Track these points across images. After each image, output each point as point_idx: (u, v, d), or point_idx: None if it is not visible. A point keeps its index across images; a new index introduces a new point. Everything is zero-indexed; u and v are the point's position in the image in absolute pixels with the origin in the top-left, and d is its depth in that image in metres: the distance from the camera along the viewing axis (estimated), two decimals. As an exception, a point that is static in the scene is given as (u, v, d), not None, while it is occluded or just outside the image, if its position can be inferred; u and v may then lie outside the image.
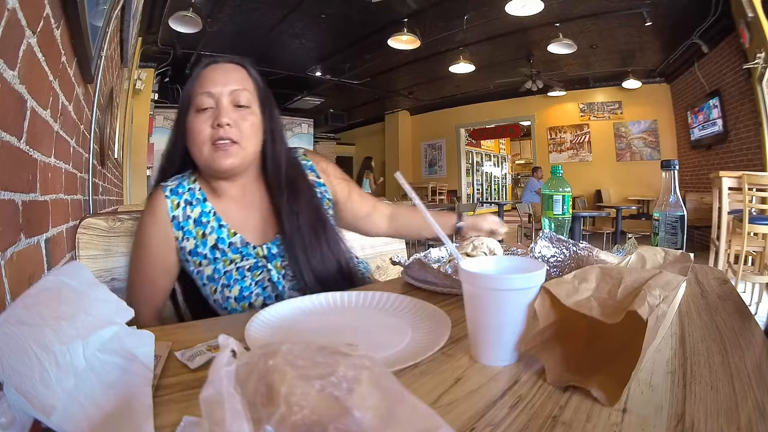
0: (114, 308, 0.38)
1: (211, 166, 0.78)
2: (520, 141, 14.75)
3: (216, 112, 0.77)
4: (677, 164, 0.90)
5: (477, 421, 0.33)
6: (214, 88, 0.77)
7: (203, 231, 0.81)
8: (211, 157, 0.77)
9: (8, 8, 0.69)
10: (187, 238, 0.80)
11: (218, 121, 0.75)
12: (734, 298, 0.65)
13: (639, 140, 7.07)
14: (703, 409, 0.34)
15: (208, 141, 0.77)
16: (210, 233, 0.81)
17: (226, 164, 0.77)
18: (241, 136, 0.78)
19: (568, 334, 0.44)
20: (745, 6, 3.60)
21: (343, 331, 0.54)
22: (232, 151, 0.77)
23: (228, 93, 0.78)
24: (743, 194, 2.62)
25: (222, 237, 0.81)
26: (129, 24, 2.57)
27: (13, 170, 0.75)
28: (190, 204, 0.82)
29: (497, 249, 0.82)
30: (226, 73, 0.80)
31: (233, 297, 0.79)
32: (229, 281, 0.79)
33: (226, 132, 0.76)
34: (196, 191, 0.83)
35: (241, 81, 0.81)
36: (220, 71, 0.80)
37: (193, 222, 0.81)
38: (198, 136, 0.77)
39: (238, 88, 0.79)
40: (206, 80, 0.78)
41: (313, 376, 0.23)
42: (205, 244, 0.80)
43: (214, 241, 0.81)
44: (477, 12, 4.78)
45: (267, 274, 0.81)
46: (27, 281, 0.81)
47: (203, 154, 0.77)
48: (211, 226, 0.81)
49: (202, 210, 0.82)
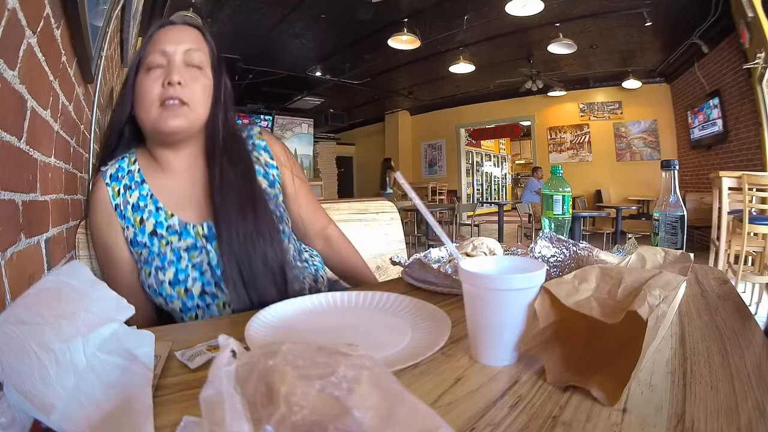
0: (114, 305, 0.38)
1: (158, 128, 0.73)
2: (520, 141, 14.75)
3: (167, 69, 0.73)
4: (677, 164, 0.90)
5: (477, 421, 0.33)
6: (168, 46, 0.74)
7: (141, 216, 0.76)
8: (158, 117, 0.72)
9: (8, 8, 0.69)
10: (128, 227, 0.76)
11: (169, 78, 0.71)
12: (734, 298, 0.65)
13: (639, 140, 7.07)
14: (703, 409, 0.34)
15: (156, 101, 0.72)
16: (147, 218, 0.76)
17: (173, 125, 0.73)
18: (192, 97, 0.74)
19: (568, 334, 0.44)
20: (745, 6, 3.60)
21: (343, 331, 0.54)
22: (181, 112, 0.73)
23: (182, 52, 0.75)
24: (743, 194, 2.62)
25: (160, 221, 0.76)
26: (129, 24, 2.57)
27: (13, 170, 0.75)
28: (129, 188, 0.78)
29: (497, 249, 0.82)
30: (180, 32, 0.77)
31: (167, 281, 0.73)
32: (164, 263, 0.73)
33: (176, 91, 0.72)
34: (135, 173, 0.79)
35: (195, 41, 0.78)
36: (175, 31, 0.77)
37: (131, 208, 0.77)
38: (147, 95, 0.72)
39: (192, 47, 0.76)
40: (160, 39, 0.75)
41: (313, 376, 0.23)
42: (143, 232, 0.76)
43: (152, 227, 0.76)
44: (477, 12, 4.79)
45: (206, 256, 0.75)
46: (27, 281, 0.81)
47: (150, 116, 0.73)
48: (148, 210, 0.77)
49: (140, 194, 0.77)
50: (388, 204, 1.34)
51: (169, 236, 0.76)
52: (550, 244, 0.78)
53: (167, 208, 0.77)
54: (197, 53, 0.76)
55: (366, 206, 1.29)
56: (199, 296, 0.74)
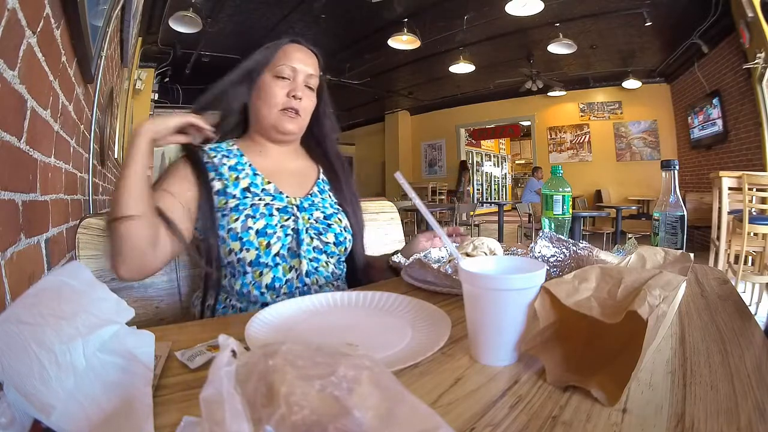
0: (114, 307, 0.38)
1: (276, 126, 0.87)
2: (520, 141, 14.76)
3: (293, 84, 0.88)
4: (677, 164, 0.90)
5: (477, 421, 0.33)
6: (298, 65, 0.88)
7: (237, 175, 0.85)
8: (279, 118, 0.87)
9: (8, 8, 0.69)
10: (219, 179, 0.83)
11: (295, 93, 0.86)
12: (734, 298, 0.65)
13: (639, 140, 7.07)
14: (703, 409, 0.33)
15: (279, 105, 0.87)
16: (244, 178, 0.85)
17: (290, 127, 0.88)
18: (304, 110, 0.90)
19: (568, 334, 0.44)
20: (745, 6, 3.60)
21: (343, 331, 0.54)
22: (296, 120, 0.89)
23: (306, 74, 0.89)
24: (743, 194, 2.62)
25: (255, 183, 0.85)
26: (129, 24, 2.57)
27: (13, 170, 0.75)
28: (227, 157, 0.87)
29: (497, 249, 0.82)
30: (308, 57, 0.90)
31: (255, 229, 0.79)
32: (255, 213, 0.80)
33: (297, 104, 0.87)
34: (234, 150, 0.89)
35: (315, 68, 0.91)
36: (304, 53, 0.90)
37: (228, 168, 0.85)
38: (273, 98, 0.86)
39: (313, 73, 0.90)
40: (291, 55, 0.88)
41: (313, 376, 0.23)
42: (236, 185, 0.83)
43: (246, 185, 0.84)
44: (477, 12, 4.79)
45: (294, 223, 0.83)
46: (27, 281, 0.81)
47: (272, 114, 0.87)
48: (245, 172, 0.86)
49: (238, 161, 0.87)
50: (388, 204, 1.34)
51: (264, 196, 0.84)
52: (550, 244, 0.78)
53: (265, 176, 0.87)
54: (314, 79, 0.91)
55: (366, 206, 1.29)
56: (273, 256, 0.80)
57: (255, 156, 0.90)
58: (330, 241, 0.87)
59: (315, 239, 0.85)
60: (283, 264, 0.81)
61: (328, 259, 0.87)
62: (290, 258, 0.82)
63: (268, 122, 0.88)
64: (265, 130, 0.90)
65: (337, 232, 0.88)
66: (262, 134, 0.91)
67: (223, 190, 0.83)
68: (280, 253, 0.81)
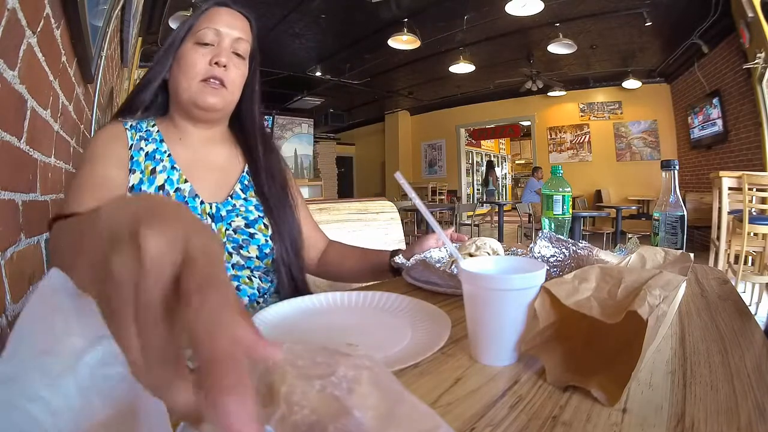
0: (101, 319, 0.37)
1: (195, 101, 0.76)
2: (520, 141, 14.74)
3: (216, 50, 0.76)
4: (677, 164, 0.90)
5: (477, 421, 0.33)
6: (222, 27, 0.77)
7: (154, 167, 0.74)
8: (199, 90, 0.75)
9: (8, 8, 0.69)
10: (135, 171, 0.73)
11: (218, 59, 0.75)
12: (734, 298, 0.65)
13: (639, 140, 7.07)
14: (703, 409, 0.33)
15: (200, 75, 0.75)
16: (161, 172, 0.75)
17: (211, 101, 0.76)
18: (232, 81, 0.77)
19: (568, 334, 0.44)
20: (745, 6, 3.60)
21: (343, 331, 0.54)
22: (220, 93, 0.76)
23: (232, 38, 0.78)
24: (743, 194, 2.62)
25: (171, 179, 0.75)
26: (129, 24, 2.57)
27: (13, 170, 0.75)
28: (145, 140, 0.77)
29: (500, 250, 0.82)
30: (235, 19, 0.79)
31: None
32: None
33: (221, 72, 0.75)
34: (153, 133, 0.79)
35: (245, 32, 0.80)
36: (231, 15, 0.79)
37: (145, 155, 0.75)
38: (192, 67, 0.75)
39: (242, 36, 0.79)
40: (215, 18, 0.77)
41: (313, 376, 0.23)
42: (152, 182, 0.73)
43: (162, 181, 0.74)
44: (477, 12, 4.79)
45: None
46: (27, 281, 0.81)
47: (191, 87, 0.75)
48: (163, 165, 0.75)
49: (156, 148, 0.77)
50: (388, 204, 1.34)
51: (176, 199, 0.73)
52: (549, 244, 0.77)
53: (183, 172, 0.77)
54: (244, 44, 0.79)
55: (366, 206, 1.29)
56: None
57: (174, 143, 0.79)
58: (252, 255, 0.76)
59: (234, 254, 0.75)
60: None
61: (251, 274, 0.77)
62: None
63: (187, 96, 0.75)
64: (185, 107, 0.78)
65: (262, 243, 0.77)
66: (182, 114, 0.80)
67: (138, 185, 0.72)
68: None
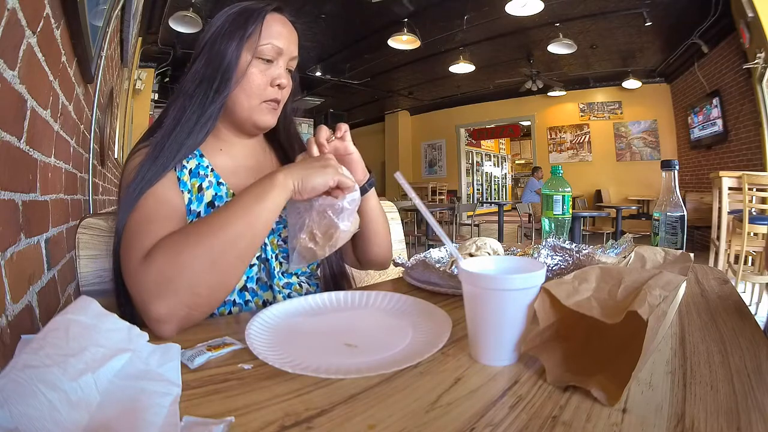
0: (126, 336, 0.38)
1: (255, 121, 0.73)
2: (520, 141, 14.75)
3: (277, 70, 0.72)
4: (677, 164, 0.90)
5: (477, 421, 0.33)
6: (284, 45, 0.72)
7: (200, 184, 0.71)
8: (259, 110, 0.72)
9: (8, 8, 0.69)
10: (183, 192, 0.69)
11: (279, 81, 0.72)
12: (734, 298, 0.65)
13: (639, 140, 7.08)
14: (703, 409, 0.34)
15: (263, 97, 0.72)
16: (207, 188, 0.71)
17: (270, 122, 0.74)
18: (283, 99, 0.76)
19: (568, 334, 0.44)
20: (745, 6, 3.60)
21: (343, 331, 0.54)
22: (276, 112, 0.75)
23: (289, 56, 0.74)
24: (743, 194, 2.62)
25: (220, 195, 0.72)
26: (129, 24, 2.57)
27: (13, 170, 0.75)
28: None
29: (500, 250, 0.82)
30: (291, 32, 0.74)
31: None
32: None
33: (281, 95, 0.73)
34: None
35: (297, 46, 0.75)
36: (288, 29, 0.73)
37: (189, 172, 0.71)
38: (256, 87, 0.71)
39: (296, 56, 0.75)
40: (275, 31, 0.71)
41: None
42: (200, 200, 0.70)
43: (210, 198, 0.71)
44: (477, 12, 4.79)
45: (261, 250, 0.71)
46: (27, 281, 0.81)
47: (251, 104, 0.71)
48: (209, 180, 0.72)
49: (198, 163, 0.73)
50: (388, 204, 1.34)
51: None
52: (553, 253, 0.76)
53: (229, 185, 0.73)
54: (294, 62, 0.76)
55: (366, 206, 1.29)
56: (238, 292, 0.69)
57: (215, 155, 0.75)
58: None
59: (284, 263, 0.74)
60: (255, 299, 0.71)
61: (299, 281, 0.76)
62: (261, 291, 0.72)
63: (247, 114, 0.72)
64: (239, 124, 0.74)
65: None
66: (231, 127, 0.76)
67: (188, 206, 0.69)
68: (248, 287, 0.70)
